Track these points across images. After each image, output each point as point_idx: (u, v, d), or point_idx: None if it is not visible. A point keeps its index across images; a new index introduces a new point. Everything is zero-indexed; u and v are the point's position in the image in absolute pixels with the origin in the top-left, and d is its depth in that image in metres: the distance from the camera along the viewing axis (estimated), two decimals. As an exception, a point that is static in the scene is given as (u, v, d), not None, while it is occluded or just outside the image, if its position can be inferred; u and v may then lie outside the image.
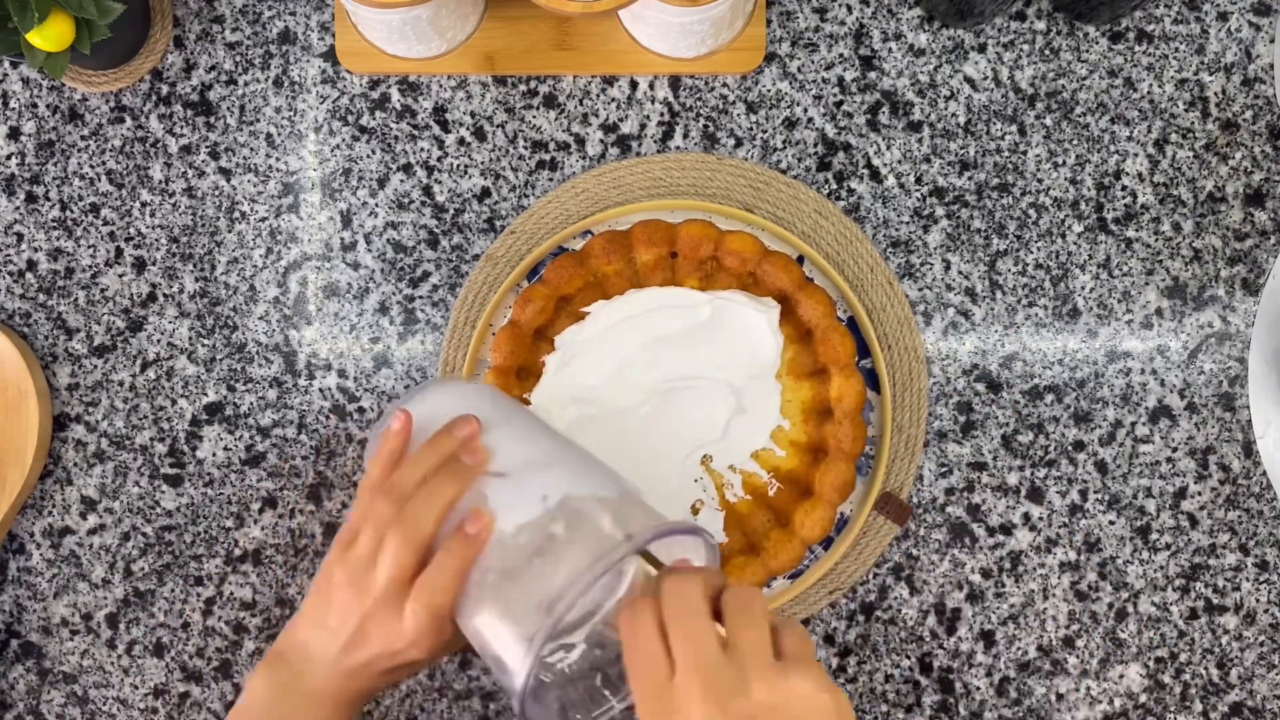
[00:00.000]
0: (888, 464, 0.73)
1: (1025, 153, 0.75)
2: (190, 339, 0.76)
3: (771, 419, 0.73)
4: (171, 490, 0.76)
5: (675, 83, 0.76)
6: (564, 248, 0.75)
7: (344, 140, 0.76)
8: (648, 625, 0.47)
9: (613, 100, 0.76)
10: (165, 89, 0.76)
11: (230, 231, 0.76)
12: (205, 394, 0.76)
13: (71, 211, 0.76)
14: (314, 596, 0.56)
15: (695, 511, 0.72)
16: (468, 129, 0.76)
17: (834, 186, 0.76)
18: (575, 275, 0.72)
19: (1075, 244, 0.75)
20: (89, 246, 0.76)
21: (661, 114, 0.76)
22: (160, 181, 0.76)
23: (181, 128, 0.76)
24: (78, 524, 0.76)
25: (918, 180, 0.75)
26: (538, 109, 0.76)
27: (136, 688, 0.75)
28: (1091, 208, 0.75)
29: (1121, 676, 0.74)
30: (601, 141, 0.76)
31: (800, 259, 0.74)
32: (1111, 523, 0.75)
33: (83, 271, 0.76)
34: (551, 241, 0.74)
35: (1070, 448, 0.75)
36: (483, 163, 0.76)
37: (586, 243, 0.73)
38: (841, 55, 0.76)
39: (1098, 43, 0.76)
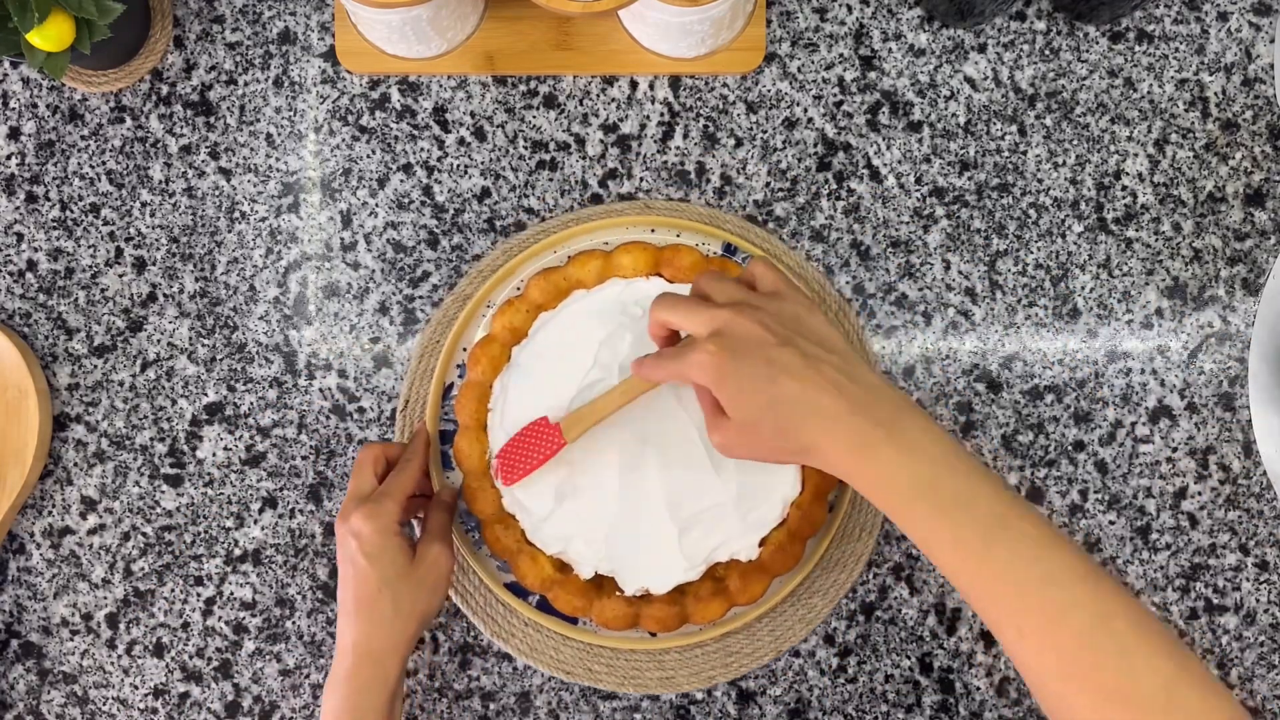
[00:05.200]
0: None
1: (1025, 153, 0.75)
2: (190, 339, 0.76)
3: None
4: (171, 490, 0.76)
5: (675, 83, 0.76)
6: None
7: (344, 140, 0.76)
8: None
9: (613, 100, 0.76)
10: (165, 89, 0.76)
11: (230, 231, 0.76)
12: (205, 394, 0.76)
13: (71, 211, 0.76)
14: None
15: None
16: (468, 129, 0.76)
17: (834, 186, 0.76)
18: (518, 315, 0.73)
19: (1075, 244, 0.75)
20: (89, 246, 0.76)
21: (661, 114, 0.76)
22: (160, 181, 0.76)
23: (181, 128, 0.76)
24: (78, 524, 0.76)
25: (918, 180, 0.75)
26: (538, 109, 0.76)
27: (136, 688, 0.75)
28: (1091, 208, 0.75)
29: (1121, 676, 0.74)
30: (601, 141, 0.76)
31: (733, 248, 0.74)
32: (1111, 523, 0.75)
33: (83, 271, 0.76)
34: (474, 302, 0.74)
35: (1070, 448, 0.75)
36: (483, 163, 0.76)
37: (525, 287, 0.73)
38: (841, 55, 0.76)
39: (1098, 43, 0.76)
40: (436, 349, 0.74)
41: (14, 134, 0.76)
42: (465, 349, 0.74)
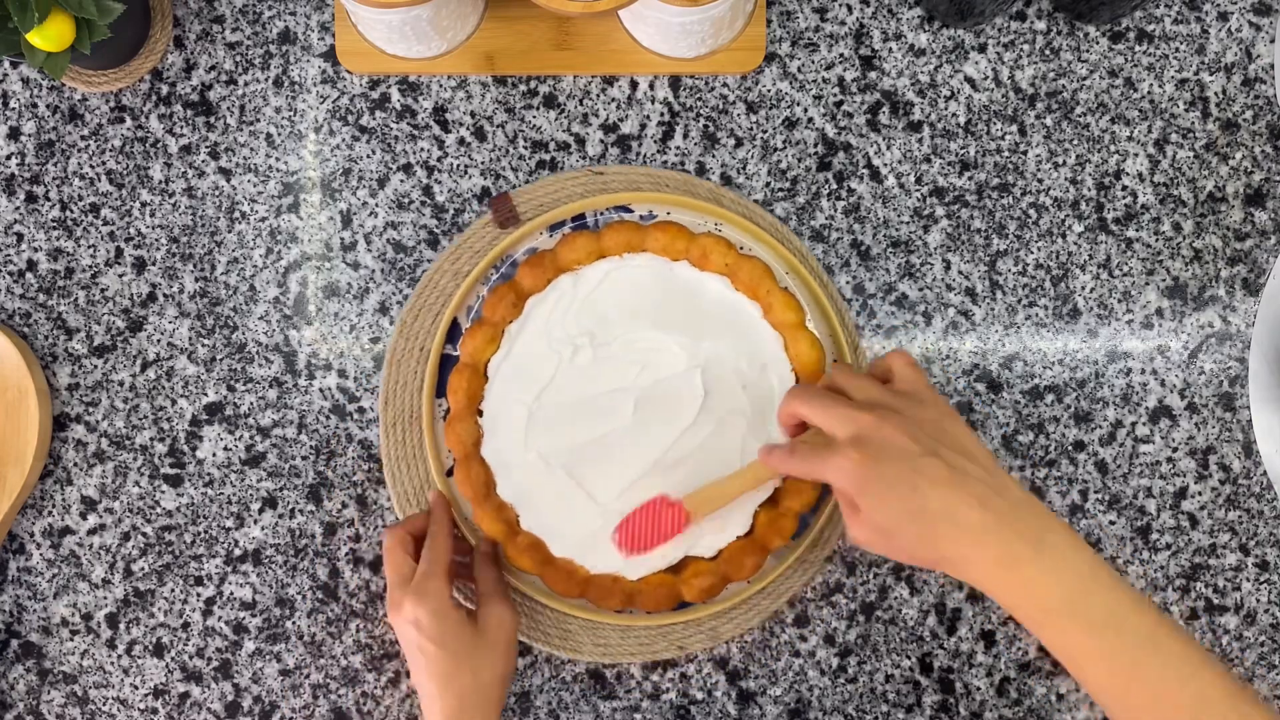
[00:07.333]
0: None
1: (1025, 153, 0.75)
2: (190, 339, 0.76)
3: None
4: (171, 490, 0.76)
5: (675, 83, 0.76)
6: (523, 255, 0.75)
7: (344, 140, 0.76)
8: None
9: (613, 100, 0.76)
10: (165, 89, 0.76)
11: (230, 231, 0.76)
12: (205, 394, 0.76)
13: (71, 211, 0.76)
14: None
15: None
16: (468, 129, 0.76)
17: (834, 186, 0.76)
18: (541, 275, 0.73)
19: (1075, 244, 0.75)
20: (89, 246, 0.76)
21: (661, 114, 0.76)
22: (160, 181, 0.76)
23: (181, 128, 0.76)
24: (78, 524, 0.76)
25: (918, 180, 0.75)
26: (538, 109, 0.76)
27: (136, 688, 0.75)
28: (1092, 208, 0.75)
29: (1122, 676, 0.74)
30: (601, 141, 0.76)
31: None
32: (1112, 523, 0.75)
33: (83, 271, 0.76)
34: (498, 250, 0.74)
35: (1070, 448, 0.75)
36: (483, 163, 0.76)
37: (557, 242, 0.73)
38: (842, 55, 0.76)
39: (1098, 43, 0.76)
40: (484, 248, 0.75)
41: (14, 134, 0.76)
42: (516, 260, 0.74)
